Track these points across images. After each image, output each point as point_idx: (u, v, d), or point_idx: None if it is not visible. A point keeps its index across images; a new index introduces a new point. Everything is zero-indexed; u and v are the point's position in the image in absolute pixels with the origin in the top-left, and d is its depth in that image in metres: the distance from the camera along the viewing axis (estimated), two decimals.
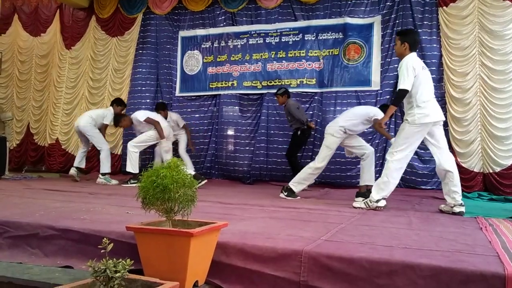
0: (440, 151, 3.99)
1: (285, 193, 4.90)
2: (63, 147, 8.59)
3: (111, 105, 6.96)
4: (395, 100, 3.79)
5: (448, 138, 6.15)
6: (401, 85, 3.82)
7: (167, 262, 2.00)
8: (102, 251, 1.84)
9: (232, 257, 2.24)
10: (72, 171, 6.78)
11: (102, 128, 6.80)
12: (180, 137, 7.26)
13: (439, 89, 6.32)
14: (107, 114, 6.76)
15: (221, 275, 2.22)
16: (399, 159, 3.93)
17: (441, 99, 6.28)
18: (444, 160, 3.97)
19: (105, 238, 1.90)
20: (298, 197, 4.89)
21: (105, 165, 6.57)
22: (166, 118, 6.95)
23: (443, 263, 1.93)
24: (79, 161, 6.90)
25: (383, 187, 3.95)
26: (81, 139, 6.99)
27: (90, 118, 6.69)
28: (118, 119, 6.52)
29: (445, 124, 6.17)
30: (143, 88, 8.05)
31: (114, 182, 6.42)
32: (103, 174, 6.49)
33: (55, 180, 7.15)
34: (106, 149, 6.64)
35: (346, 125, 4.74)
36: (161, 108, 7.01)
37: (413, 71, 3.86)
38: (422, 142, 4.09)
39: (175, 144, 7.22)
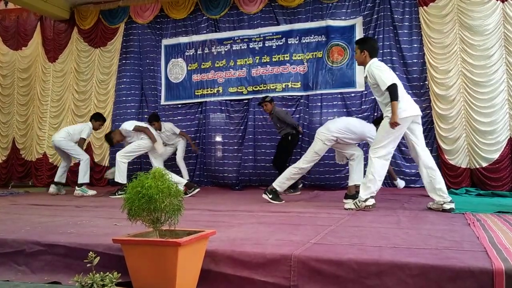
0: (420, 148, 4.02)
1: (270, 196, 4.80)
2: (50, 161, 8.47)
3: (90, 120, 6.90)
4: (392, 97, 3.82)
5: (434, 135, 6.24)
6: (386, 84, 3.85)
7: (155, 273, 1.97)
8: (88, 265, 1.82)
9: (221, 265, 2.22)
10: (51, 188, 6.67)
11: (80, 143, 6.66)
12: (178, 144, 7.25)
13: (423, 88, 6.40)
14: (84, 128, 6.69)
15: (211, 284, 2.20)
16: (382, 155, 3.96)
17: (426, 97, 6.36)
18: (425, 157, 4.00)
19: (91, 252, 1.88)
20: (283, 201, 4.81)
21: (83, 175, 6.48)
22: (160, 129, 6.94)
23: (431, 261, 1.93)
24: (60, 176, 6.78)
25: (370, 185, 3.96)
26: (60, 154, 6.91)
27: (66, 133, 6.61)
28: (109, 137, 6.43)
29: (431, 122, 6.27)
30: (128, 98, 8.03)
31: (91, 192, 6.33)
32: (80, 185, 6.40)
33: (41, 194, 7.03)
34: (85, 159, 6.55)
35: (340, 136, 4.70)
36: (154, 119, 6.97)
37: (384, 68, 3.98)
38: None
39: (174, 152, 7.26)
